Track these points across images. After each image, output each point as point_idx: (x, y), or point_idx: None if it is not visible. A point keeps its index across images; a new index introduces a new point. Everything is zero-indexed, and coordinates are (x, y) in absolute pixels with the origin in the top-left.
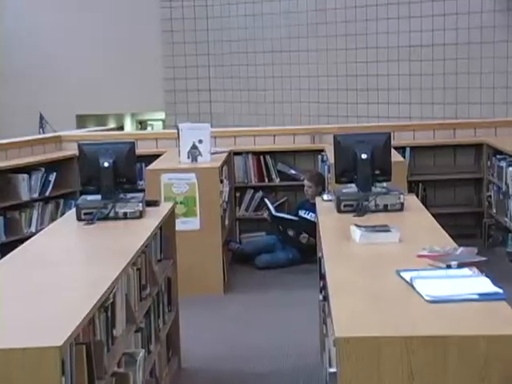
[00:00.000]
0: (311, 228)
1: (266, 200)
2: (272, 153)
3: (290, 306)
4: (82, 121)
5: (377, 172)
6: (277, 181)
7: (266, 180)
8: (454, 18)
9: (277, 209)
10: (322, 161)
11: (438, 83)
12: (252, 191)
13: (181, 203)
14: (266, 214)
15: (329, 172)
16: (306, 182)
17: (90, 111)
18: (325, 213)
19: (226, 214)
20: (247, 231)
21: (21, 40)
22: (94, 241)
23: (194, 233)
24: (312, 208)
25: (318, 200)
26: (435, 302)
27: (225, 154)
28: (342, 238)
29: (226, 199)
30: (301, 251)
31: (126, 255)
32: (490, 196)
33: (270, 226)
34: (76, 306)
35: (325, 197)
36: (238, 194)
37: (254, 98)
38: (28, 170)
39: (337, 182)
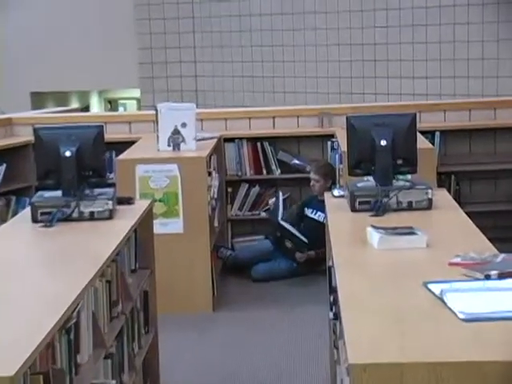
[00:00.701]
0: (318, 230)
1: (281, 198)
2: (271, 139)
3: (294, 326)
4: (38, 100)
5: (399, 162)
6: (277, 173)
7: (264, 172)
8: None
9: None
10: (333, 148)
11: (475, 52)
12: (247, 186)
13: (160, 201)
14: (267, 213)
15: (340, 162)
16: (312, 175)
17: (47, 88)
18: (335, 212)
19: (215, 213)
20: (241, 235)
21: None
22: (53, 247)
23: (176, 237)
24: (320, 206)
25: (327, 196)
26: (471, 320)
27: (214, 141)
28: (356, 242)
29: (216, 196)
30: (298, 264)
31: (93, 264)
32: None
33: (270, 228)
34: (32, 327)
35: (336, 192)
36: (229, 190)
37: (249, 72)
38: None
39: (350, 174)
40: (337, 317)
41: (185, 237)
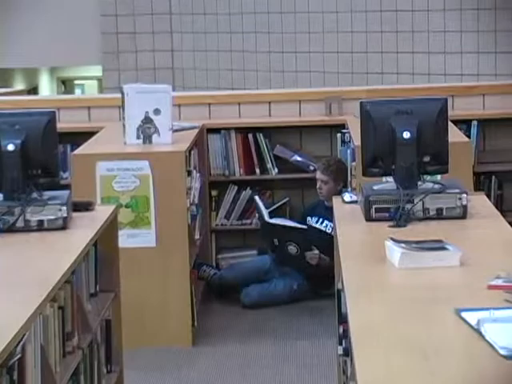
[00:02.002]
0: (325, 243)
1: (258, 199)
2: (267, 130)
3: (294, 364)
4: None
5: (426, 159)
6: (274, 173)
7: (258, 171)
8: None
9: (273, 214)
10: (343, 142)
11: None
12: (235, 188)
13: (127, 207)
14: (258, 220)
15: (353, 159)
16: (318, 175)
17: None
18: (347, 221)
19: (195, 222)
20: (228, 249)
21: None
22: None
23: (147, 252)
24: (327, 214)
25: (336, 202)
26: None
27: (194, 132)
28: (372, 259)
29: (197, 201)
30: (309, 279)
31: (42, 287)
32: None
33: (263, 240)
34: None
35: (347, 197)
36: (214, 193)
37: (238, 46)
38: None
39: (365, 174)
40: (347, 353)
41: (158, 252)
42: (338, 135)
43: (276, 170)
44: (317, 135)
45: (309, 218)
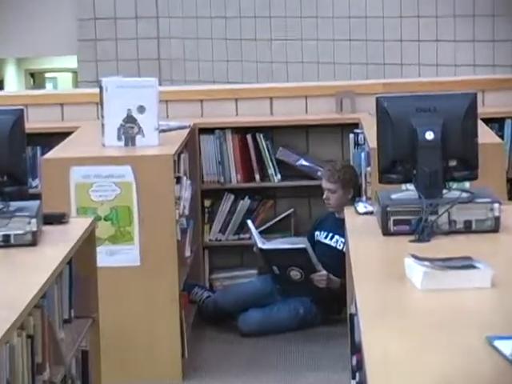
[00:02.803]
0: (335, 261)
1: (250, 224)
2: (268, 130)
3: None
4: None
5: (452, 163)
6: (276, 179)
7: (258, 178)
8: None
9: (274, 228)
10: (357, 144)
11: None
12: (232, 198)
13: (106, 219)
14: (254, 249)
15: (368, 164)
16: (324, 184)
17: None
18: (361, 235)
19: (185, 238)
20: (224, 269)
21: None
22: None
23: (129, 271)
24: (338, 227)
25: (348, 213)
26: None
27: (184, 133)
28: (390, 279)
29: (187, 212)
30: (318, 302)
31: (8, 313)
32: None
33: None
34: None
35: (361, 207)
36: (207, 203)
37: (235, 33)
38: None
39: (381, 181)
40: None
41: (142, 271)
42: (351, 136)
43: (279, 176)
44: (326, 136)
45: (317, 233)
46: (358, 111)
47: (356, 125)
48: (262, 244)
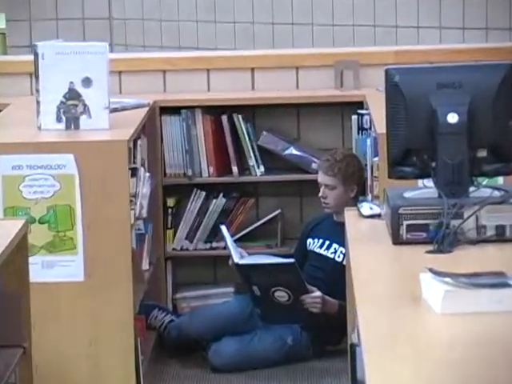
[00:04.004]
0: (333, 277)
1: (225, 231)
2: (249, 109)
3: None
4: None
5: (481, 154)
6: (258, 173)
7: (235, 171)
8: None
9: (254, 236)
10: (361, 128)
11: None
12: (203, 195)
13: (42, 222)
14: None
15: (375, 154)
16: (320, 177)
17: None
18: (365, 244)
19: (143, 246)
20: (192, 286)
21: None
22: None
23: (71, 288)
24: (336, 233)
25: (349, 216)
26: None
27: (143, 112)
28: (401, 300)
29: (145, 214)
30: (310, 329)
31: None
32: None
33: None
34: None
35: (365, 208)
36: (171, 203)
37: None
38: None
39: (392, 175)
40: None
41: (87, 288)
42: (354, 118)
43: (262, 168)
44: (322, 118)
45: (310, 241)
46: (362, 86)
47: (360, 104)
48: (238, 258)
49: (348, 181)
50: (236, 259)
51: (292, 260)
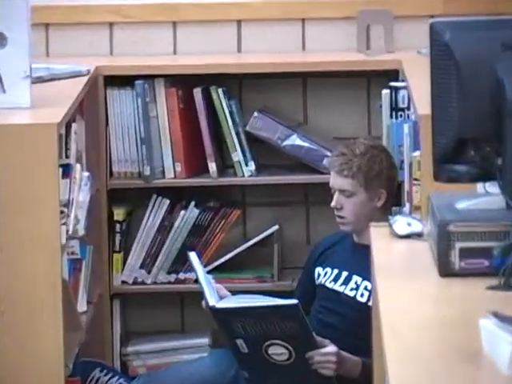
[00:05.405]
0: (354, 324)
1: (193, 258)
2: (233, 80)
3: None
4: None
5: None
6: (246, 172)
7: (213, 168)
8: None
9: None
10: (394, 108)
11: None
12: (166, 204)
13: None
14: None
15: (415, 146)
16: (333, 179)
17: None
18: (398, 277)
19: (79, 277)
20: (148, 336)
21: None
22: None
23: None
24: (357, 261)
25: (376, 236)
26: None
27: (79, 83)
28: (453, 356)
29: (82, 231)
30: None
31: None
32: None
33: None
34: None
35: (399, 224)
36: (119, 215)
37: None
38: None
39: (438, 176)
40: None
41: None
42: (384, 94)
43: (252, 166)
44: (339, 94)
45: (319, 271)
46: (397, 49)
47: (394, 74)
48: (216, 299)
49: (373, 184)
50: (212, 301)
51: (294, 301)
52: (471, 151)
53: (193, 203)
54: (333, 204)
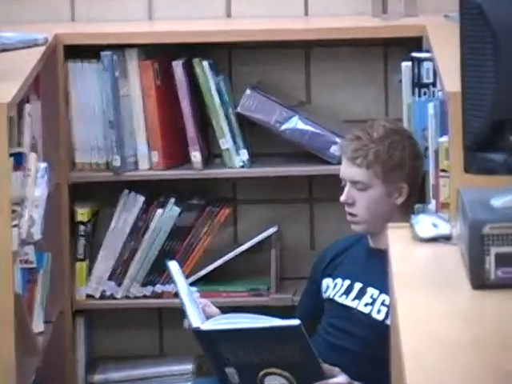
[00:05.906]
0: (369, 346)
1: (173, 267)
2: (220, 50)
3: None
4: None
5: None
6: (238, 162)
7: (196, 158)
8: None
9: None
10: (417, 86)
11: None
12: (140, 202)
13: None
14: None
15: (442, 131)
16: (346, 169)
17: None
18: (422, 289)
19: (35, 289)
20: (119, 360)
21: None
22: None
23: None
24: (372, 271)
25: (395, 239)
26: None
27: (35, 55)
28: (488, 378)
29: (38, 234)
30: None
31: None
32: None
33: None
34: None
35: (423, 225)
36: (83, 215)
37: None
38: None
39: (470, 167)
40: None
41: None
42: (405, 67)
43: (244, 155)
44: (350, 66)
45: (327, 283)
46: (420, 12)
47: (417, 42)
48: (200, 319)
49: (393, 176)
50: (196, 321)
51: (295, 321)
52: (510, 136)
53: (172, 200)
54: (343, 198)
